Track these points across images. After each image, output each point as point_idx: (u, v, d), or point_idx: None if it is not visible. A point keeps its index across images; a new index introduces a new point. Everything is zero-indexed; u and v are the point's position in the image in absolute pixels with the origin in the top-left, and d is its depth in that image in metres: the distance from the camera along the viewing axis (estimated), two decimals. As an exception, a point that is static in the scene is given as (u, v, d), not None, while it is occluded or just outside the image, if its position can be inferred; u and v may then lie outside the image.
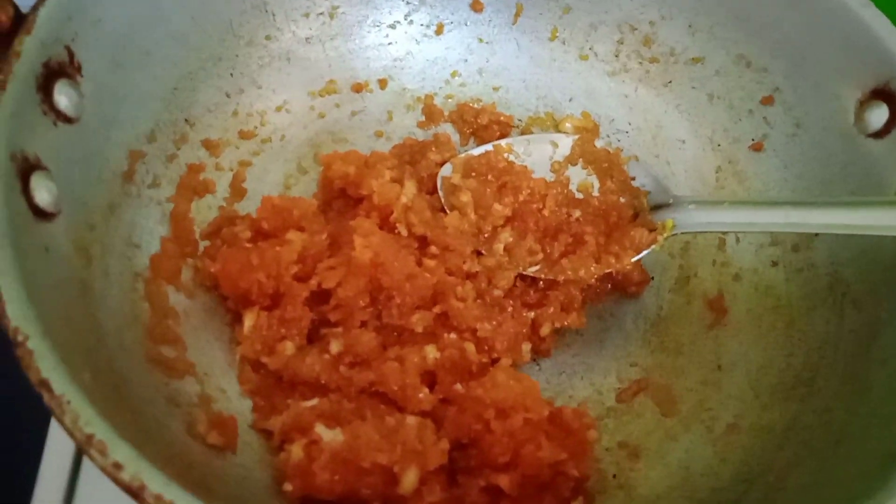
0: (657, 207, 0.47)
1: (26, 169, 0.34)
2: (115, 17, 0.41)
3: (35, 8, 0.37)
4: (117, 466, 0.26)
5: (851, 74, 0.44)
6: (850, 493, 0.30)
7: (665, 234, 0.45)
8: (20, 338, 0.28)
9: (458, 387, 0.41)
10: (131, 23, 0.42)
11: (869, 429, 0.35)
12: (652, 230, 0.45)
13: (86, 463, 0.46)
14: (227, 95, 0.50)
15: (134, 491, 0.26)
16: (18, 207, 0.33)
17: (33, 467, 0.46)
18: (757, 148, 0.50)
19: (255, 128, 0.51)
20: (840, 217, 0.40)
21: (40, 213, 0.34)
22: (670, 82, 0.54)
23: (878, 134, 0.43)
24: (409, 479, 0.36)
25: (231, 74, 0.50)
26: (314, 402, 0.40)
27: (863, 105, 0.44)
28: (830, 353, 0.41)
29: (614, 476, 0.41)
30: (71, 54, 0.38)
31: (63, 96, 0.38)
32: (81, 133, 0.39)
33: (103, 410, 0.28)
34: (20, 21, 0.36)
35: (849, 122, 0.45)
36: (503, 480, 0.37)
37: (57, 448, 0.47)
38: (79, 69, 0.39)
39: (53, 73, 0.37)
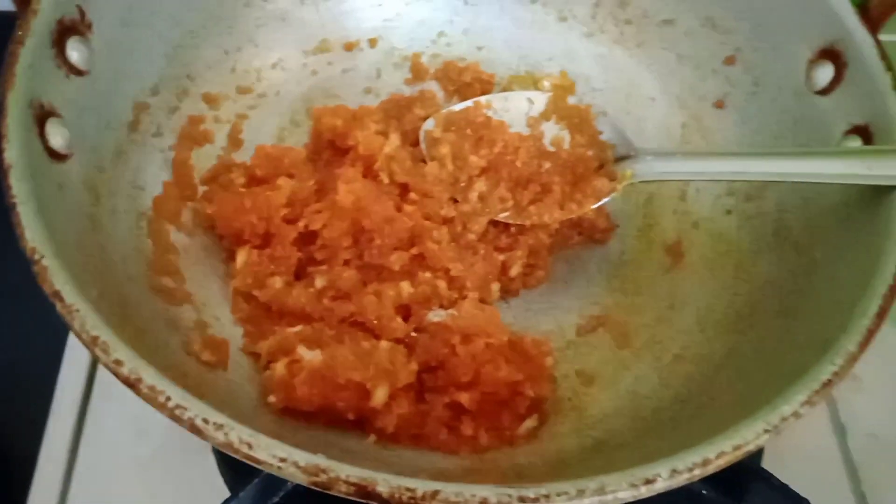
0: (621, 159, 0.51)
1: (42, 115, 0.39)
2: (123, -21, 0.45)
3: (49, -31, 0.41)
4: (118, 363, 0.30)
5: (803, 35, 0.48)
6: (756, 406, 0.34)
7: (624, 183, 0.48)
8: (36, 256, 0.32)
9: (430, 316, 0.45)
10: (138, -16, 0.46)
11: (789, 354, 0.39)
12: (613, 180, 0.49)
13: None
14: (226, 53, 0.54)
15: (131, 383, 0.30)
16: (35, 149, 0.37)
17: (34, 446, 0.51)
18: (719, 105, 0.54)
19: (252, 83, 0.55)
20: (780, 166, 0.44)
21: (55, 155, 0.39)
22: (643, 43, 0.57)
23: (824, 91, 0.46)
24: (380, 395, 0.40)
25: (230, 33, 0.54)
26: (298, 328, 0.44)
27: (812, 64, 0.47)
28: (769, 291, 0.45)
29: (569, 399, 0.46)
30: (82, 13, 0.43)
31: (75, 51, 0.42)
32: (91, 85, 0.43)
33: (108, 320, 0.32)
34: (36, -18, 0.41)
35: (800, 81, 0.48)
36: (464, 397, 0.41)
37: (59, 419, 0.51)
38: (89, 27, 0.43)
39: (66, 29, 0.41)
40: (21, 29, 0.39)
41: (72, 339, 0.53)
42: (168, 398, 0.30)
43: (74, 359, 0.52)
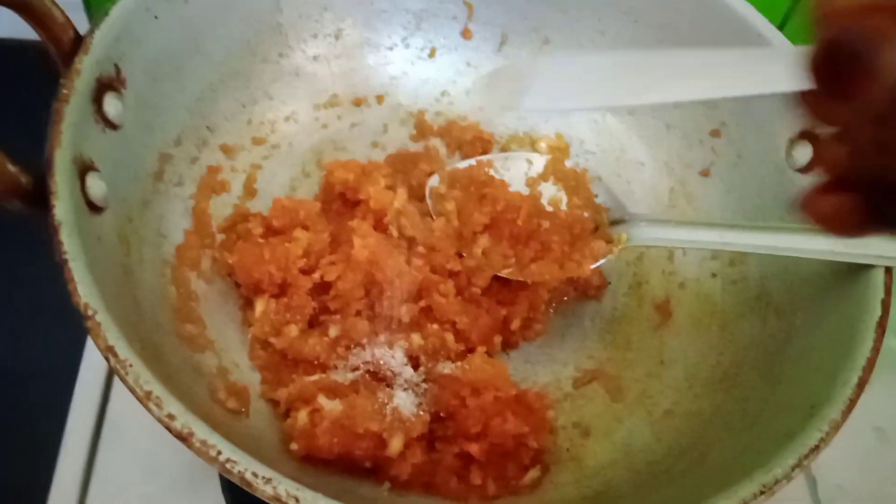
0: (615, 222, 0.54)
1: (83, 170, 0.40)
2: (155, 38, 0.47)
3: (91, 31, 0.43)
4: (171, 417, 0.32)
5: (785, 117, 0.52)
6: (752, 466, 0.37)
7: (620, 246, 0.52)
8: (90, 312, 0.34)
9: (440, 367, 0.48)
10: (167, 42, 0.49)
11: (776, 415, 0.42)
12: (609, 242, 0.52)
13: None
14: (243, 106, 0.57)
15: (184, 437, 0.32)
16: (79, 203, 0.39)
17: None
18: (705, 174, 0.58)
19: (266, 135, 0.58)
20: (764, 240, 0.47)
21: (94, 208, 0.41)
22: (634, 111, 0.61)
23: (804, 169, 0.51)
24: (396, 444, 0.43)
25: (247, 87, 0.56)
26: (316, 377, 0.46)
27: (792, 143, 0.51)
28: (753, 353, 0.49)
29: (568, 450, 0.48)
30: (118, 70, 0.45)
31: (111, 107, 0.43)
32: (123, 138, 0.45)
33: (153, 373, 0.34)
34: (79, 42, 0.43)
35: (781, 158, 0.52)
36: (474, 448, 0.44)
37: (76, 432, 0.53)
38: (123, 83, 0.45)
39: (104, 86, 0.43)
40: (65, 87, 0.41)
41: (80, 381, 0.54)
42: (219, 452, 0.32)
43: (83, 400, 0.53)
